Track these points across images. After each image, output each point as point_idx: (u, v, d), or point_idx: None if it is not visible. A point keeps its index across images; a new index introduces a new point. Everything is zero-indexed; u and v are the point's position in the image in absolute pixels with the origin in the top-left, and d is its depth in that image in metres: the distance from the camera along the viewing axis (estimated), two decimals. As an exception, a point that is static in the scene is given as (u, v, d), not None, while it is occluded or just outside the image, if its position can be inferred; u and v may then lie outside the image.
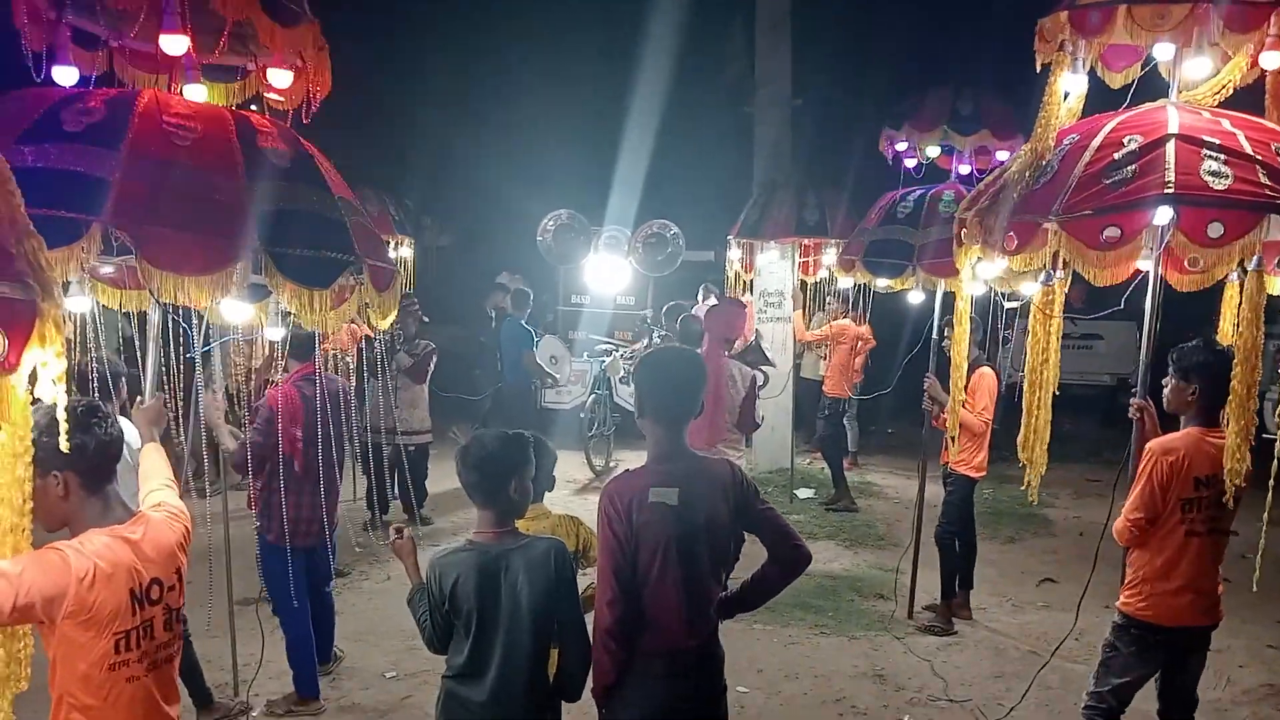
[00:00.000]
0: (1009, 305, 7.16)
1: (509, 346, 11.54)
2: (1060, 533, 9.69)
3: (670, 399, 3.39)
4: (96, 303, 3.92)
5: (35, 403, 2.15)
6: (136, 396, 3.80)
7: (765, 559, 3.49)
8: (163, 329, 3.88)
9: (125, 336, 5.16)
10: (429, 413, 9.37)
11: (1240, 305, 4.14)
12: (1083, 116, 4.64)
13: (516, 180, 16.95)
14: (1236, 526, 4.37)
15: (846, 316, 11.05)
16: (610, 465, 11.82)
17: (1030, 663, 5.85)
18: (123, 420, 3.41)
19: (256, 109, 4.04)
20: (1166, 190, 3.93)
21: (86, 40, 3.77)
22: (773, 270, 11.64)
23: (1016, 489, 10.55)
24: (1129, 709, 4.42)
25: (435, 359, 9.19)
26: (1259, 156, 3.99)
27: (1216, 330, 4.94)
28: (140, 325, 3.99)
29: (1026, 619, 7.23)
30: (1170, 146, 4.03)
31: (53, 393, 2.09)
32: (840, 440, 11.17)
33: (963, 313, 5.34)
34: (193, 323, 4.20)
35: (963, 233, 4.78)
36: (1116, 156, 4.12)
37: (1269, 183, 3.93)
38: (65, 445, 2.28)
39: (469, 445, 3.40)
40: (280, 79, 3.85)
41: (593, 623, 3.35)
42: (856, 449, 12.38)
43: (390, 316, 3.80)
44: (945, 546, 7.06)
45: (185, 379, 4.20)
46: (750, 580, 3.51)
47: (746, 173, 12.70)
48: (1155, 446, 4.19)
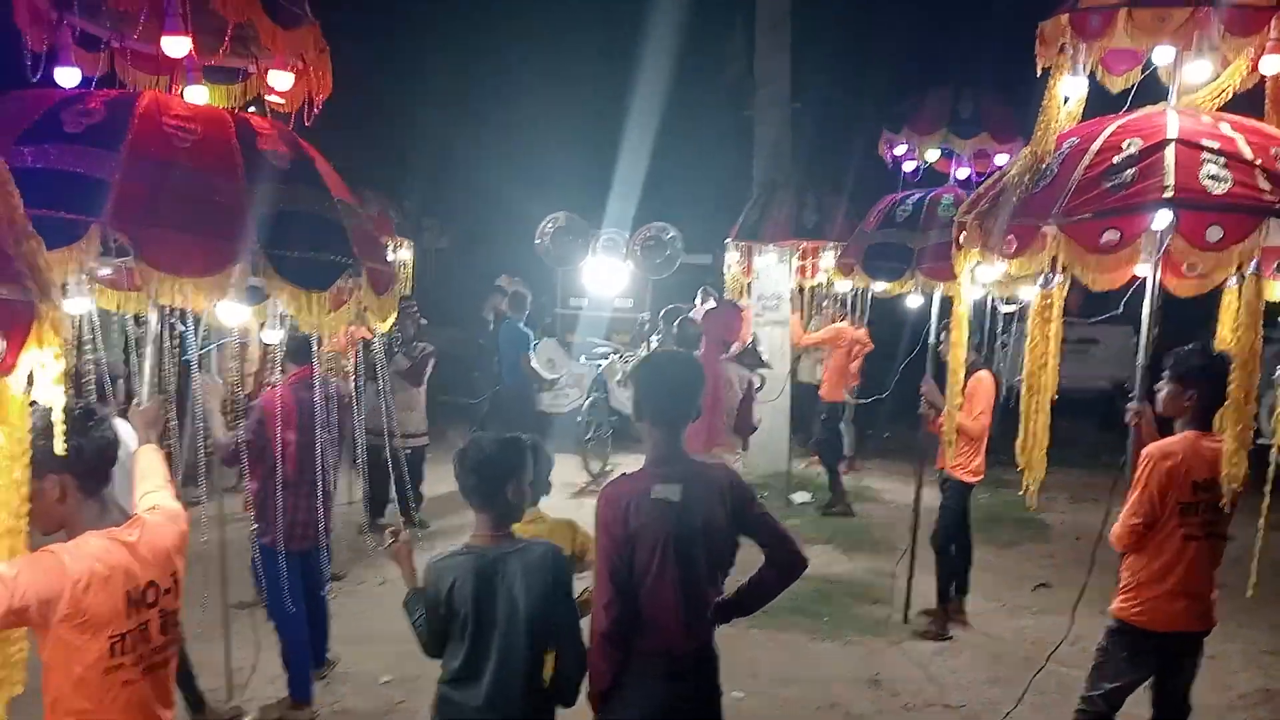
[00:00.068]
0: (1006, 310, 7.16)
1: (507, 349, 11.52)
2: (1056, 537, 9.70)
3: (668, 402, 3.40)
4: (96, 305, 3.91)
5: (33, 405, 2.14)
6: (134, 399, 3.78)
7: (762, 563, 3.49)
8: (160, 331, 3.87)
9: (135, 337, 5.14)
10: (426, 416, 9.35)
11: (1239, 310, 4.14)
12: (1082, 120, 4.65)
13: (516, 182, 16.95)
14: (1233, 531, 4.36)
15: (844, 320, 11.05)
16: (607, 469, 11.78)
17: (1026, 668, 5.84)
18: (119, 422, 3.40)
19: (256, 110, 4.03)
20: (1166, 194, 3.94)
21: (88, 41, 3.76)
22: (771, 273, 11.63)
23: (1013, 494, 10.57)
24: (1121, 714, 4.41)
25: (433, 362, 9.18)
26: (1258, 161, 4.00)
27: (1213, 335, 4.94)
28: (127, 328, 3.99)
29: (1023, 624, 7.23)
30: (1170, 150, 4.04)
31: (50, 395, 2.08)
32: (837, 444, 11.16)
33: (960, 317, 5.33)
34: (188, 325, 4.18)
35: (962, 235, 4.78)
36: (1116, 160, 4.12)
37: (1268, 187, 3.94)
38: (60, 448, 2.27)
39: (467, 448, 3.39)
40: (281, 81, 3.84)
41: (589, 626, 3.35)
42: (853, 453, 12.36)
43: (389, 319, 3.79)
44: (942, 551, 7.05)
45: (180, 382, 4.18)
46: (747, 584, 3.50)
47: (745, 175, 12.69)
48: (1153, 451, 4.18)
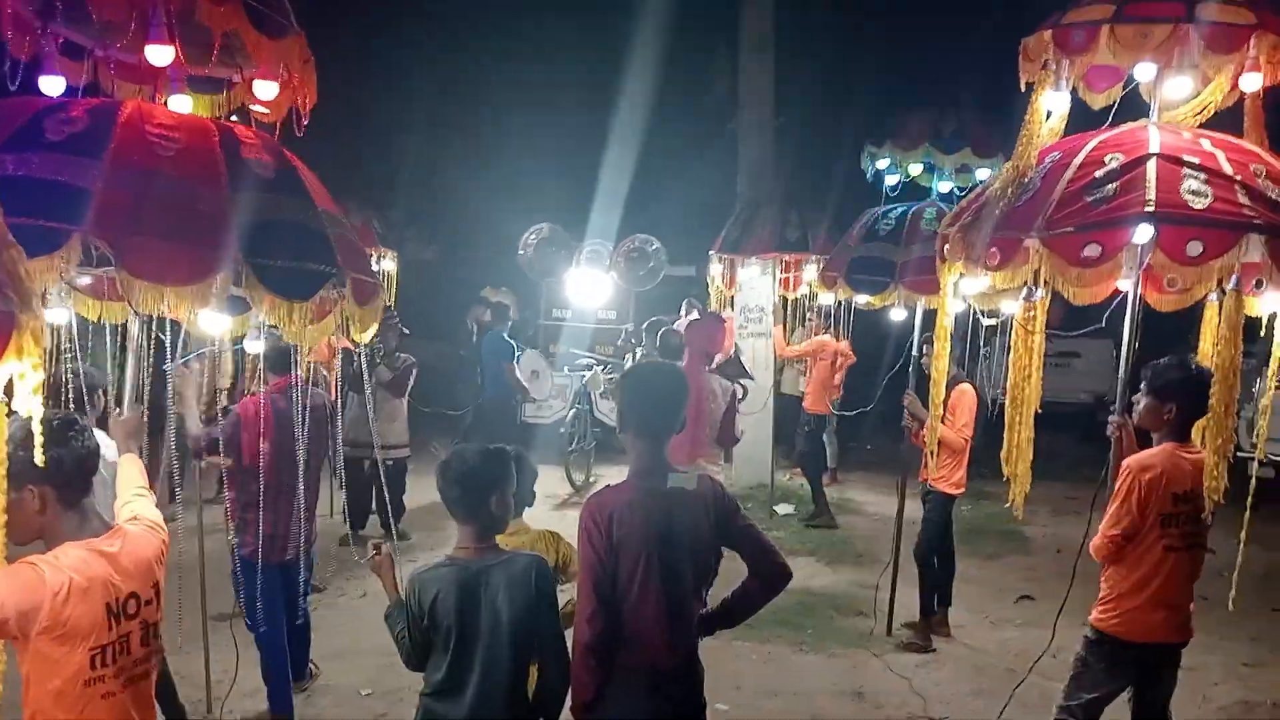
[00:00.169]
0: (988, 322, 7.19)
1: (490, 360, 11.51)
2: (1038, 550, 9.73)
3: (652, 414, 3.40)
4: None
5: (10, 415, 2.12)
6: (115, 409, 3.76)
7: (745, 576, 3.48)
8: (142, 341, 3.84)
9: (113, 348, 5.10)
10: (408, 427, 9.32)
11: (1219, 325, 4.17)
12: (1064, 136, 4.68)
13: (500, 194, 16.97)
14: (1212, 544, 4.38)
15: (827, 332, 11.09)
16: (590, 480, 11.78)
17: (1009, 680, 5.84)
18: (99, 432, 3.37)
19: (237, 119, 4.02)
20: (1147, 208, 3.97)
21: (72, 50, 3.74)
22: (754, 286, 11.67)
23: (995, 506, 10.65)
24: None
25: (415, 373, 9.15)
26: (1238, 177, 4.03)
27: (1193, 349, 4.97)
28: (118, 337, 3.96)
29: (1005, 636, 7.24)
30: (1151, 165, 4.07)
31: (29, 405, 2.06)
32: (820, 456, 11.19)
33: (943, 330, 5.35)
34: (168, 335, 4.15)
35: (946, 248, 4.80)
36: (1098, 174, 4.15)
37: (1248, 203, 3.97)
38: (40, 459, 2.25)
39: (450, 460, 3.38)
40: (266, 91, 3.82)
41: (572, 638, 3.33)
42: (836, 465, 12.40)
43: (371, 330, 3.78)
44: (924, 563, 7.07)
45: (153, 392, 4.14)
46: (731, 597, 3.50)
47: (729, 189, 12.75)
48: (1133, 464, 4.19)
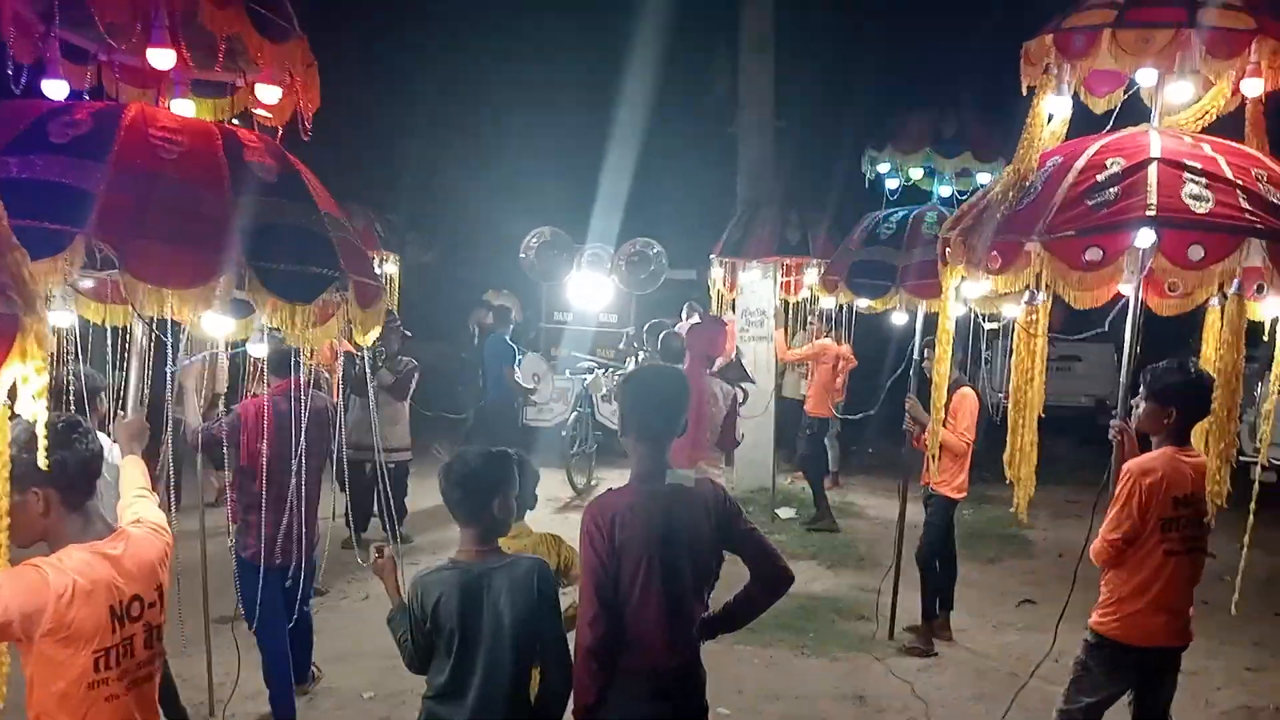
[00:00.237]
0: (989, 326, 7.20)
1: (492, 363, 11.52)
2: (1039, 554, 9.72)
3: (654, 417, 3.39)
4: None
5: (14, 418, 2.12)
6: (121, 412, 3.76)
7: (747, 579, 3.48)
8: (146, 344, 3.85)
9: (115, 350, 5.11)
10: (409, 430, 9.33)
11: (1221, 330, 4.18)
12: (1065, 140, 4.69)
13: (501, 197, 16.99)
14: (1214, 549, 4.38)
15: (828, 336, 11.09)
16: (592, 484, 11.79)
17: (1011, 684, 5.85)
18: (100, 435, 3.38)
19: (239, 123, 4.02)
20: (1149, 212, 3.97)
21: (76, 54, 3.75)
22: (755, 289, 11.68)
23: (996, 510, 10.66)
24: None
25: (417, 376, 9.16)
26: (1239, 181, 4.04)
27: (1194, 353, 4.97)
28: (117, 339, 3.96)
29: (1007, 640, 7.24)
30: (1152, 169, 4.08)
31: (33, 409, 2.06)
32: (822, 460, 11.19)
33: (945, 333, 5.35)
34: (170, 338, 4.15)
35: (947, 252, 4.80)
36: (1099, 178, 4.16)
37: (1249, 207, 3.98)
38: (44, 462, 2.25)
39: (453, 462, 3.38)
40: (269, 94, 3.83)
41: (574, 642, 3.33)
42: (838, 469, 12.40)
43: (374, 333, 3.78)
44: (926, 567, 7.07)
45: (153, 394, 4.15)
46: (733, 600, 3.50)
47: (729, 192, 12.76)
48: (1133, 468, 4.18)
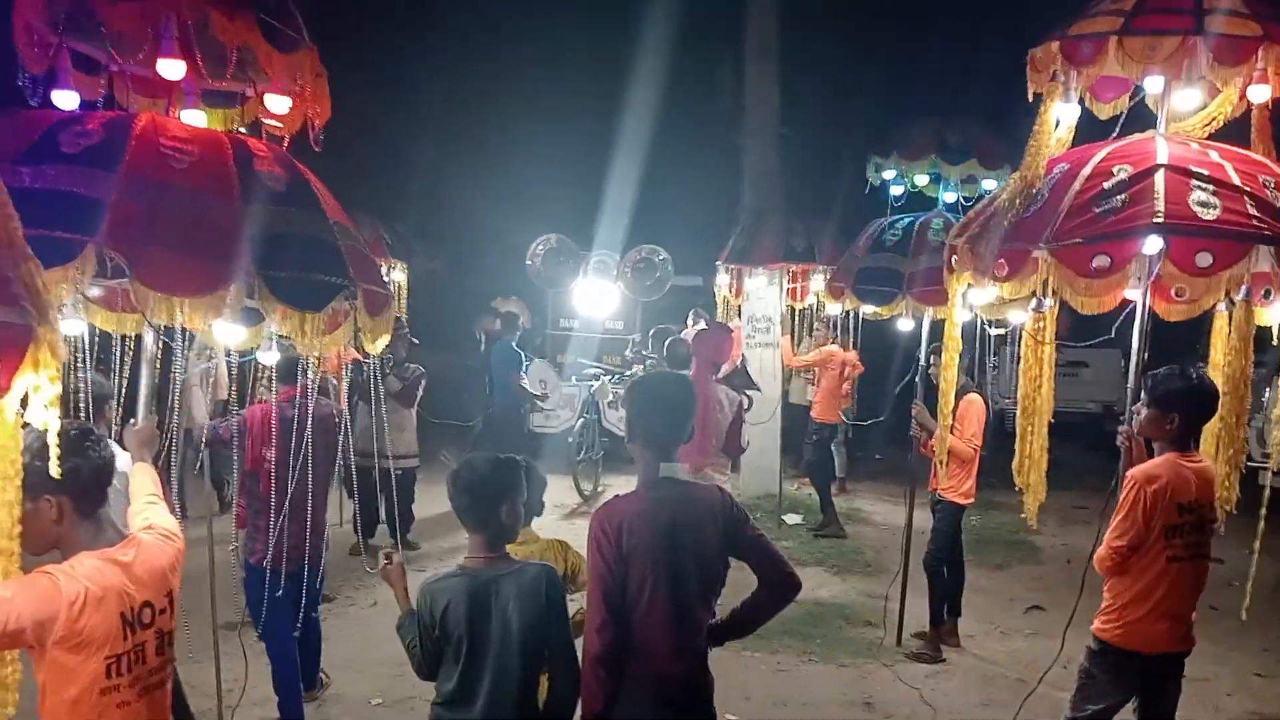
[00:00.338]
0: (995, 332, 7.20)
1: (499, 370, 11.53)
2: (1047, 560, 9.71)
3: (661, 424, 3.40)
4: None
5: (25, 426, 2.14)
6: (130, 419, 3.78)
7: (755, 586, 3.48)
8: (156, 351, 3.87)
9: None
10: (417, 437, 9.34)
11: (1229, 335, 4.17)
12: (1071, 147, 4.69)
13: (508, 205, 17.01)
14: (1223, 554, 4.37)
15: (834, 342, 11.09)
16: (598, 490, 11.79)
17: (1019, 690, 5.84)
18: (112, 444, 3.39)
19: (245, 132, 4.04)
20: (1156, 220, 3.97)
21: (87, 65, 3.77)
22: (761, 296, 11.69)
23: (1004, 516, 10.65)
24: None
25: (424, 383, 9.18)
26: (1247, 188, 4.04)
27: (1202, 358, 4.96)
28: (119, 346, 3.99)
29: (1015, 646, 7.23)
30: (1159, 176, 4.08)
31: (44, 417, 2.08)
32: (828, 466, 11.19)
33: (952, 340, 5.35)
34: (181, 345, 4.17)
35: (954, 259, 4.81)
36: (1106, 186, 4.16)
37: (1257, 214, 3.98)
38: (56, 470, 2.26)
39: (461, 469, 3.39)
40: (278, 105, 3.85)
41: (582, 649, 3.34)
42: (845, 475, 12.40)
43: (382, 340, 3.79)
44: (933, 573, 7.06)
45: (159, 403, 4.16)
46: (740, 607, 3.50)
47: (735, 199, 12.79)
48: (1138, 475, 4.16)
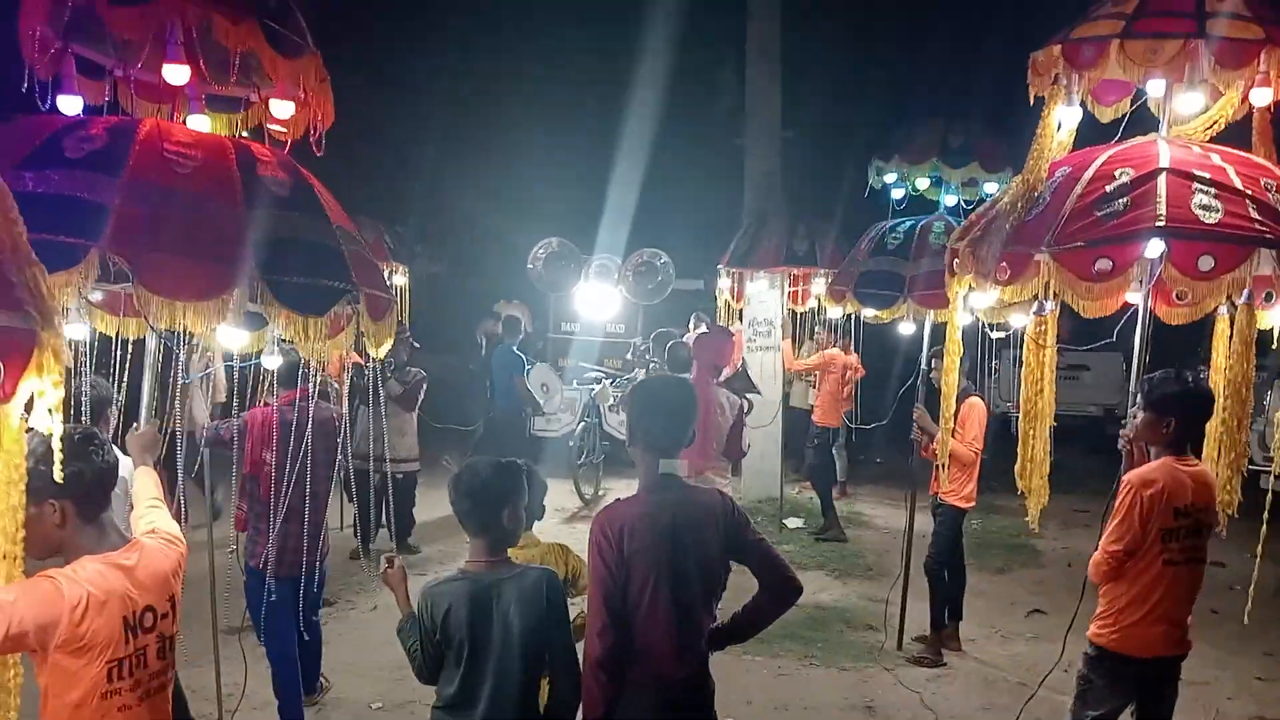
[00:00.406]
0: (996, 336, 7.20)
1: (500, 373, 11.52)
2: (1048, 563, 9.71)
3: (662, 427, 3.40)
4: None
5: (30, 430, 2.14)
6: (133, 423, 3.79)
7: (756, 590, 3.48)
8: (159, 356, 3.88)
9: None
10: (418, 441, 9.34)
11: (1231, 339, 4.17)
12: (1073, 150, 4.69)
13: (509, 208, 17.05)
14: (1224, 558, 4.37)
15: (835, 345, 11.10)
16: (599, 494, 11.79)
17: (1020, 694, 5.84)
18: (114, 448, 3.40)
19: (249, 137, 4.05)
20: (1158, 223, 3.97)
21: (92, 70, 3.78)
22: (762, 299, 11.70)
23: (1005, 520, 10.65)
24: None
25: (425, 387, 9.18)
26: (1249, 191, 4.05)
27: (1204, 362, 4.96)
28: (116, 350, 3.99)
29: (1016, 650, 7.22)
30: (1161, 180, 4.08)
31: (48, 422, 2.08)
32: (829, 470, 11.19)
33: (954, 343, 5.35)
34: (183, 349, 4.18)
35: (955, 262, 4.81)
36: (1108, 189, 4.16)
37: (1259, 217, 3.98)
38: (59, 475, 2.27)
39: (462, 473, 3.39)
40: (282, 109, 3.86)
41: (583, 652, 3.34)
42: (845, 479, 12.40)
43: (386, 345, 3.80)
44: (934, 577, 7.06)
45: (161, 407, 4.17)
46: (741, 611, 3.50)
47: (737, 203, 12.79)
48: (1134, 479, 4.14)
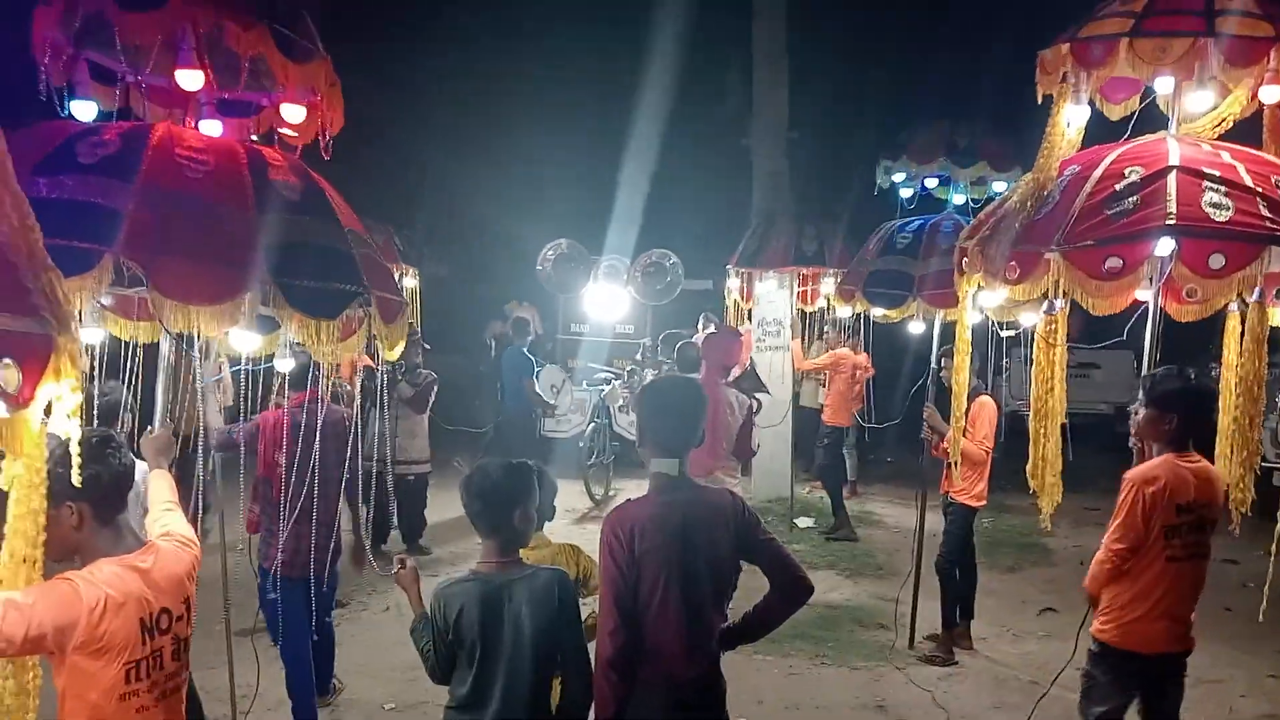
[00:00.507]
0: (1005, 334, 7.20)
1: (510, 375, 11.55)
2: (1060, 562, 9.68)
3: (672, 428, 3.41)
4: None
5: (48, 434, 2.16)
6: (148, 426, 3.81)
7: (767, 589, 3.49)
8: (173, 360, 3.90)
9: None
10: (429, 443, 9.37)
11: (1243, 336, 4.17)
12: (1081, 148, 4.69)
13: (518, 210, 17.06)
14: (1237, 556, 4.36)
15: (845, 345, 11.09)
16: (609, 494, 11.80)
17: (1031, 693, 5.83)
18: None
19: (259, 141, 4.07)
20: (1168, 221, 3.97)
21: (104, 76, 3.81)
22: (771, 299, 11.69)
23: (1016, 518, 10.63)
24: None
25: (436, 389, 9.21)
26: (1259, 189, 4.04)
27: (1215, 359, 4.96)
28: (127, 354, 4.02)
29: (1028, 649, 7.22)
30: (1171, 178, 4.08)
31: (67, 427, 2.10)
32: (840, 469, 11.18)
33: (963, 342, 5.35)
34: (192, 355, 4.20)
35: (964, 261, 4.81)
36: (1118, 188, 4.16)
37: (1270, 215, 3.97)
38: (77, 479, 2.29)
39: (473, 475, 3.40)
40: (293, 114, 3.88)
41: (594, 653, 3.35)
42: (856, 478, 12.39)
43: (398, 347, 3.82)
44: (946, 576, 7.05)
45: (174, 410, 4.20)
46: (752, 611, 3.50)
47: (745, 203, 12.80)
48: (1135, 476, 4.15)
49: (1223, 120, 4.55)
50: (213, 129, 3.81)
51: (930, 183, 8.39)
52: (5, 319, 1.91)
